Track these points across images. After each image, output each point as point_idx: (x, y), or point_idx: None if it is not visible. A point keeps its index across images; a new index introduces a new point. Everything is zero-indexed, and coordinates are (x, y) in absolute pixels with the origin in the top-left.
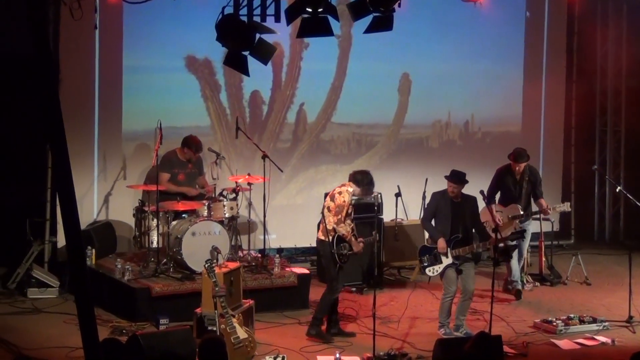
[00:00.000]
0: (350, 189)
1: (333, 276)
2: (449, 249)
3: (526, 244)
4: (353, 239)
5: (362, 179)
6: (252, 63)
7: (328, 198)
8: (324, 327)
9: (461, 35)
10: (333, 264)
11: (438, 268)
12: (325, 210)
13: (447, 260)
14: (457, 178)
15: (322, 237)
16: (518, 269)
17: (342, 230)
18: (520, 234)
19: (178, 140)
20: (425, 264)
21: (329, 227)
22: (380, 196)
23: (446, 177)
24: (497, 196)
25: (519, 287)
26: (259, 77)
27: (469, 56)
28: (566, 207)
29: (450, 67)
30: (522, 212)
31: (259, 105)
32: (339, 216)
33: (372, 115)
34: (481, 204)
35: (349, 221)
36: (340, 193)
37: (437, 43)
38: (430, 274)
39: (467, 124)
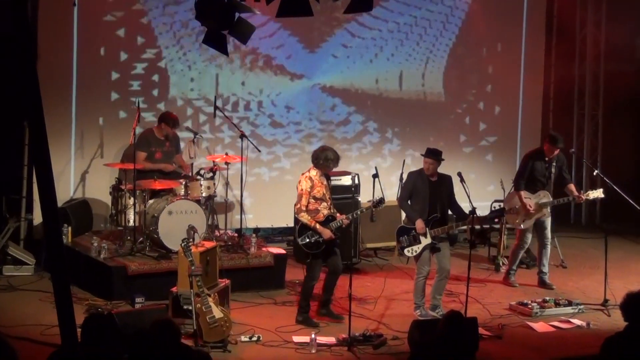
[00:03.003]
0: (312, 173)
1: (307, 264)
2: (427, 228)
3: (549, 232)
4: (318, 225)
5: (317, 159)
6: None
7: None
8: (313, 312)
9: (438, 20)
10: (303, 253)
11: (417, 248)
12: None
13: (425, 241)
14: (434, 155)
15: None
16: (547, 259)
17: (304, 219)
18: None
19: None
20: (404, 245)
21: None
22: (358, 177)
23: (423, 154)
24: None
25: (545, 277)
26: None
27: (446, 38)
28: (600, 193)
29: (426, 51)
30: (552, 199)
31: None
32: (299, 205)
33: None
34: (457, 185)
35: (324, 204)
36: (299, 181)
37: (406, 25)
38: (409, 254)
39: (445, 106)
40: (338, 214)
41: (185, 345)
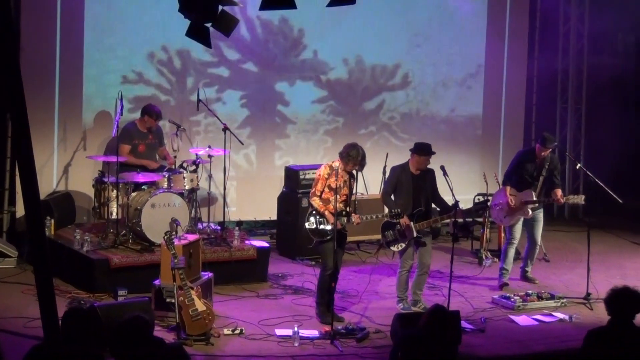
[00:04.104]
0: (334, 164)
1: (320, 252)
2: (412, 222)
3: (539, 231)
4: (327, 212)
5: (342, 152)
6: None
7: None
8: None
9: (421, 13)
10: (314, 241)
11: (402, 243)
12: None
13: (410, 235)
14: (427, 150)
15: None
16: (532, 260)
17: (315, 204)
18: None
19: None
20: (390, 239)
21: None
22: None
23: (413, 150)
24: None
25: (527, 274)
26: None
27: (429, 35)
28: (580, 199)
29: (410, 49)
30: (534, 198)
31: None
32: (313, 189)
33: (335, 87)
34: (439, 178)
35: (337, 196)
36: (319, 168)
37: (391, 23)
38: (395, 249)
39: (382, 106)
40: (353, 214)
41: (159, 339)
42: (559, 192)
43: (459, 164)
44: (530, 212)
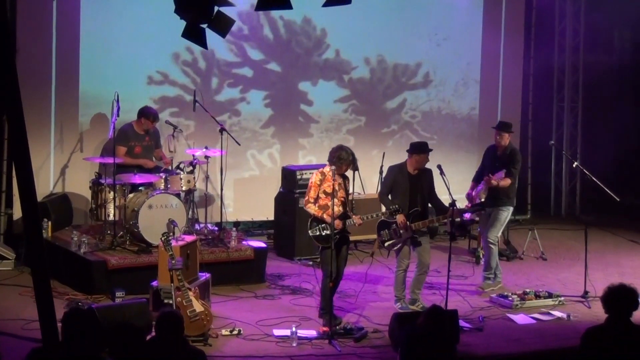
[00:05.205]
0: (325, 169)
1: (322, 258)
2: (408, 222)
3: (494, 229)
4: (325, 215)
5: (331, 158)
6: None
7: None
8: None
9: (418, 11)
10: (316, 247)
11: (399, 243)
12: None
13: (406, 234)
14: (425, 148)
15: None
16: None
17: (310, 210)
18: (480, 206)
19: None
20: (385, 239)
21: None
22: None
23: (410, 150)
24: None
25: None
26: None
27: (426, 32)
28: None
29: (431, 48)
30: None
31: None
32: (307, 197)
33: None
34: (437, 178)
35: (336, 201)
36: (311, 175)
37: (412, 22)
38: (390, 248)
39: (404, 104)
40: (354, 216)
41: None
42: (494, 181)
43: (455, 163)
44: (482, 198)
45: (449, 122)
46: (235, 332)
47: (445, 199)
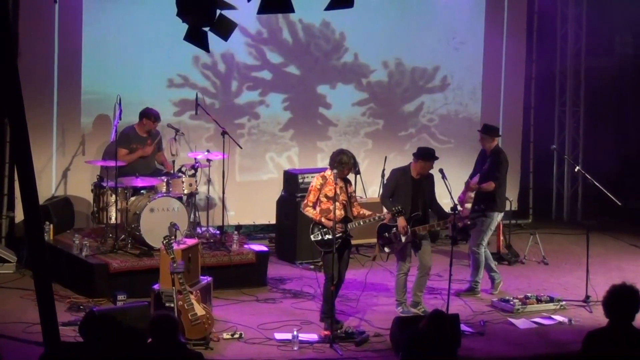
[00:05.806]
0: (327, 173)
1: (324, 263)
2: (409, 227)
3: (482, 235)
4: (324, 219)
5: (332, 162)
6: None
7: None
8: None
9: (420, 15)
10: (319, 251)
11: (399, 246)
12: None
13: (406, 238)
14: (432, 155)
15: None
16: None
17: (308, 214)
18: (480, 212)
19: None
20: (386, 242)
21: None
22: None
23: (417, 155)
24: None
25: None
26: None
27: (428, 36)
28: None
29: (449, 52)
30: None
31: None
32: (306, 201)
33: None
34: (438, 182)
35: (338, 204)
36: (312, 179)
37: (430, 26)
38: (390, 252)
39: (422, 108)
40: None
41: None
42: (483, 185)
43: (457, 167)
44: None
45: (465, 126)
46: (236, 336)
47: (446, 203)
